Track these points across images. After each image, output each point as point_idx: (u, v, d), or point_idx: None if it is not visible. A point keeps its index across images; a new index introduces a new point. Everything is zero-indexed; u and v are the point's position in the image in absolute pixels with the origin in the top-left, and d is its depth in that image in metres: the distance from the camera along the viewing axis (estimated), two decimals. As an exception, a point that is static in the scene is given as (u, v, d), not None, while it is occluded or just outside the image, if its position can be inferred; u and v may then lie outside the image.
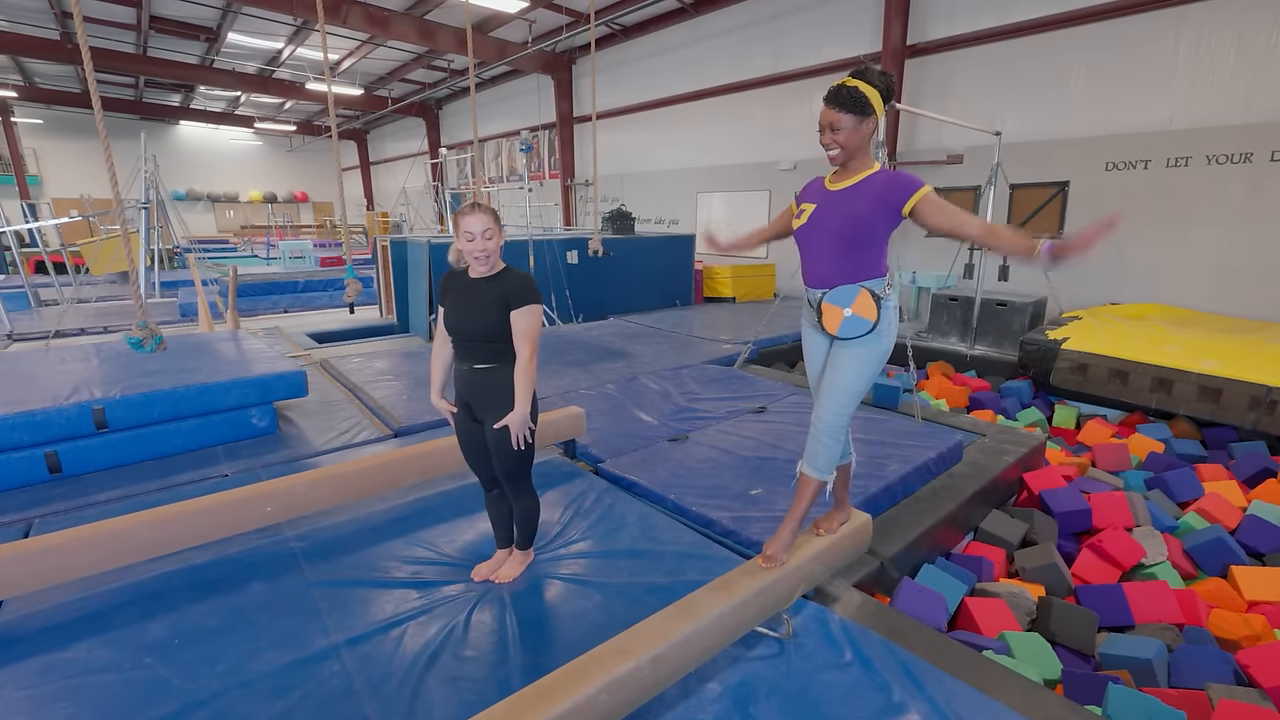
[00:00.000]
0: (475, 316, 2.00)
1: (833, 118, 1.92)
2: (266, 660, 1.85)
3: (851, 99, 1.89)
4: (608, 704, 1.53)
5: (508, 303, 1.98)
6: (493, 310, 1.98)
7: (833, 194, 2.02)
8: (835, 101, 1.91)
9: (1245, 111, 5.64)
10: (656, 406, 4.17)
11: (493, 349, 2.02)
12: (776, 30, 9.27)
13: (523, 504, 2.22)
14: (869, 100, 1.89)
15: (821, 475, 2.12)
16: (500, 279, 2.02)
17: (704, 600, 1.86)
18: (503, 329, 2.00)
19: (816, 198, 2.07)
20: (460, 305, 2.04)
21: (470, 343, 2.03)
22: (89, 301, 8.52)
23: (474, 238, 1.95)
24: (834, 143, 1.95)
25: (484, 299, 2.00)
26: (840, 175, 2.04)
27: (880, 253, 1.99)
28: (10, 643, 1.91)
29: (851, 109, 1.90)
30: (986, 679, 1.85)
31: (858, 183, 1.98)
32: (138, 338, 3.18)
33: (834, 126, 1.93)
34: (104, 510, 2.68)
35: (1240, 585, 2.81)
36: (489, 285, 2.01)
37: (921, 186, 1.88)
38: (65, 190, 18.27)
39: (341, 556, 2.41)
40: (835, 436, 2.08)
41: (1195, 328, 5.28)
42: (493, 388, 2.04)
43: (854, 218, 1.94)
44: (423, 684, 1.77)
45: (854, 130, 1.92)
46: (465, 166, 17.35)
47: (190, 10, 10.89)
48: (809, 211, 2.06)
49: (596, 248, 6.65)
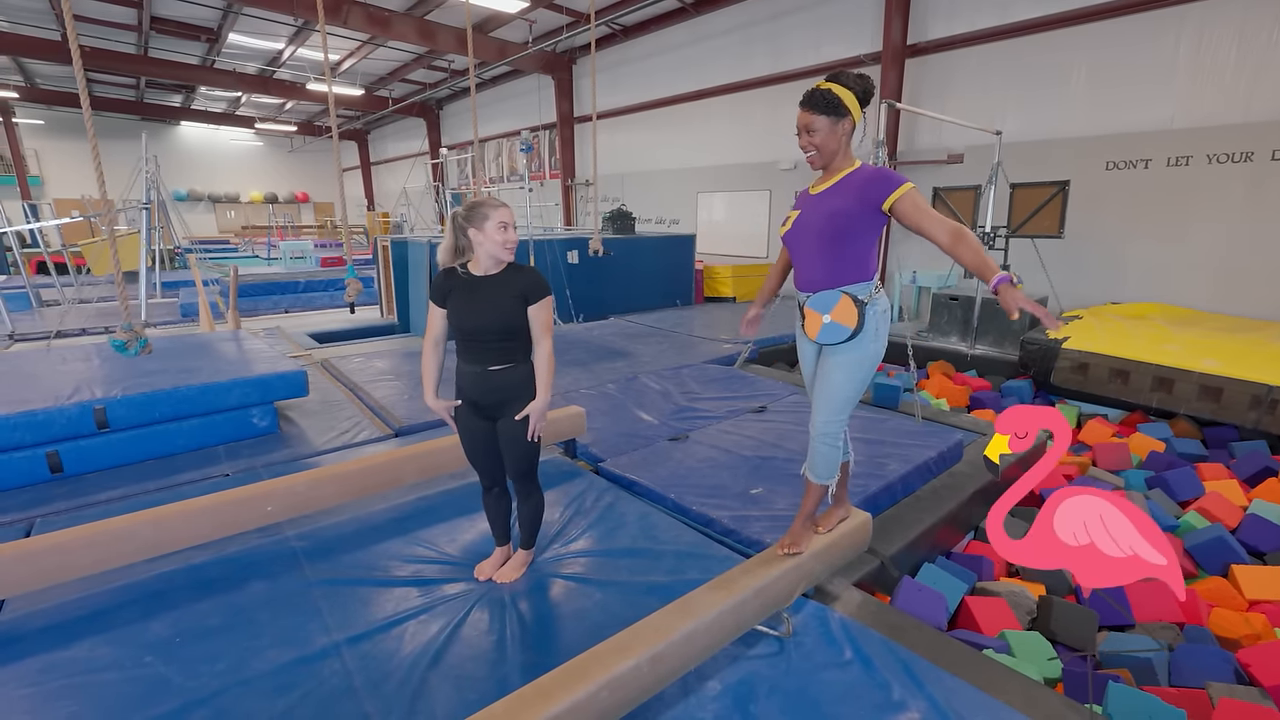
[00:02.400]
0: (489, 313, 1.96)
1: (807, 120, 1.96)
2: (267, 659, 1.85)
3: (824, 101, 1.92)
4: (608, 702, 1.53)
5: (525, 298, 1.96)
6: (508, 306, 1.96)
7: (814, 197, 2.05)
8: (809, 104, 1.95)
9: (1246, 110, 5.64)
10: (657, 406, 4.17)
11: (506, 348, 1.99)
12: (776, 30, 9.27)
13: (532, 502, 2.21)
14: (843, 101, 1.92)
15: (822, 480, 2.14)
16: (512, 274, 2.01)
17: (704, 598, 1.86)
18: (519, 324, 1.97)
19: (801, 204, 2.10)
20: (470, 304, 1.98)
21: (483, 342, 1.99)
22: (90, 302, 8.53)
23: (508, 227, 1.95)
24: (810, 145, 1.98)
25: (497, 295, 1.97)
26: (822, 178, 2.06)
27: (867, 253, 1.99)
28: (12, 641, 1.92)
29: (825, 110, 1.93)
30: (987, 678, 1.85)
31: (837, 181, 2.00)
32: (121, 340, 3.17)
33: (809, 129, 1.96)
34: (105, 510, 2.68)
35: (1241, 584, 2.81)
36: (501, 281, 1.99)
37: (903, 183, 1.87)
38: (67, 191, 18.27)
39: (342, 556, 2.41)
40: (831, 443, 2.09)
41: (1196, 327, 5.27)
42: (511, 387, 2.02)
43: (834, 214, 1.95)
44: (423, 682, 1.77)
45: (829, 132, 1.95)
46: (466, 167, 17.35)
47: (191, 11, 10.90)
48: (794, 218, 2.09)
49: (597, 247, 6.65)
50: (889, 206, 1.88)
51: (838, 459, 2.12)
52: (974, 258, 1.76)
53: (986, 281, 1.71)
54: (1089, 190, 6.58)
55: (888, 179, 1.89)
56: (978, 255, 1.76)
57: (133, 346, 3.15)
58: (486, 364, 2.00)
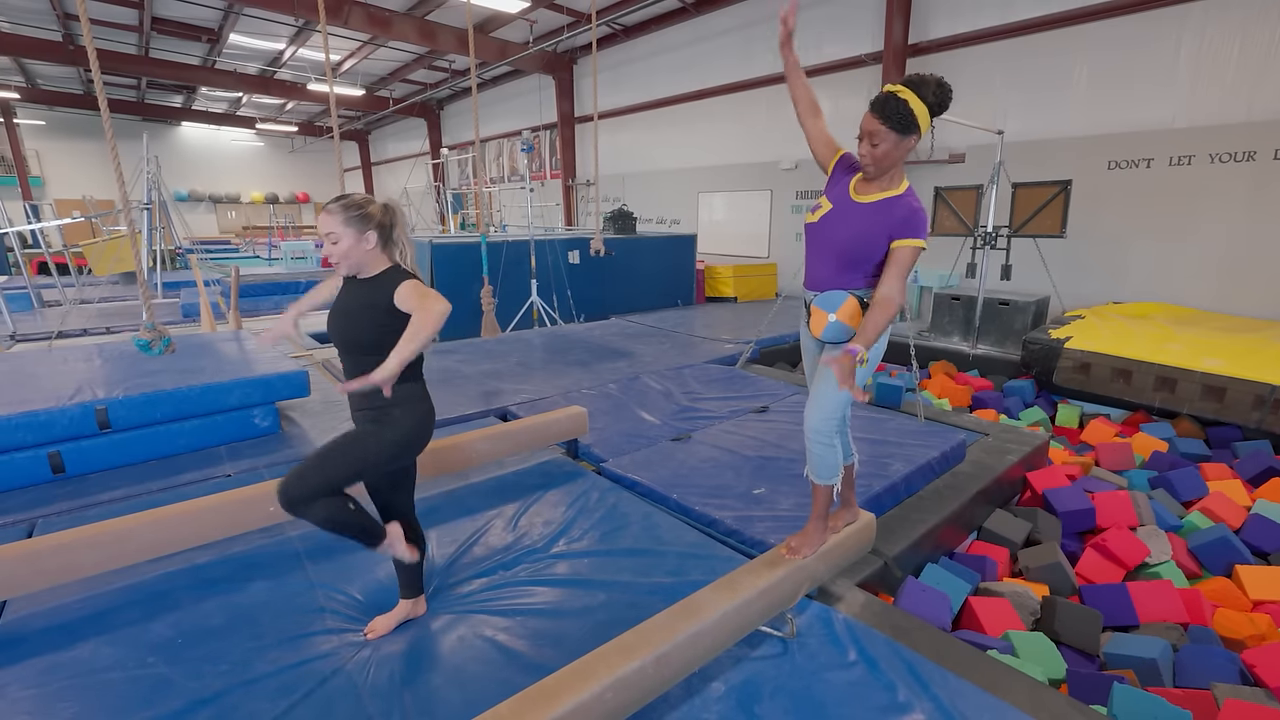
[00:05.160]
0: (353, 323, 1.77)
1: (874, 127, 1.80)
2: (270, 660, 1.85)
3: (898, 114, 1.77)
4: (613, 703, 1.53)
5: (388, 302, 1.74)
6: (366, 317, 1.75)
7: (853, 204, 1.95)
8: (880, 112, 1.79)
9: (1248, 110, 5.63)
10: (659, 406, 4.17)
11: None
12: (777, 30, 9.26)
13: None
14: (916, 118, 1.78)
15: (823, 481, 2.11)
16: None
17: (708, 599, 1.85)
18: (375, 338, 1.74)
19: (837, 199, 1.99)
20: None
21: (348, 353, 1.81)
22: (91, 302, 8.53)
23: (326, 238, 1.73)
24: (869, 155, 1.85)
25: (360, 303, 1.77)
26: (866, 185, 1.95)
27: (878, 266, 1.94)
28: (14, 643, 1.91)
29: (896, 124, 1.78)
30: (991, 678, 1.85)
31: (880, 201, 1.89)
32: (146, 340, 3.18)
33: (874, 139, 1.82)
34: (107, 510, 2.68)
35: (1245, 584, 2.80)
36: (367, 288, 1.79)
37: (920, 238, 1.84)
38: (67, 191, 18.28)
39: (344, 556, 2.41)
40: (826, 442, 2.05)
41: (1198, 326, 5.26)
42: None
43: (865, 237, 1.89)
44: (427, 684, 1.77)
45: (894, 146, 1.81)
46: (466, 167, 17.36)
47: (192, 11, 10.91)
48: (824, 211, 2.00)
49: (598, 247, 6.65)
50: (895, 245, 1.86)
51: (836, 458, 2.09)
52: (870, 321, 1.80)
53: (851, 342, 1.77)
54: (1091, 190, 6.58)
55: (916, 227, 1.84)
56: (874, 325, 1.79)
57: (157, 345, 3.16)
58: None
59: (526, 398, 4.29)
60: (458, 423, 3.81)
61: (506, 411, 4.07)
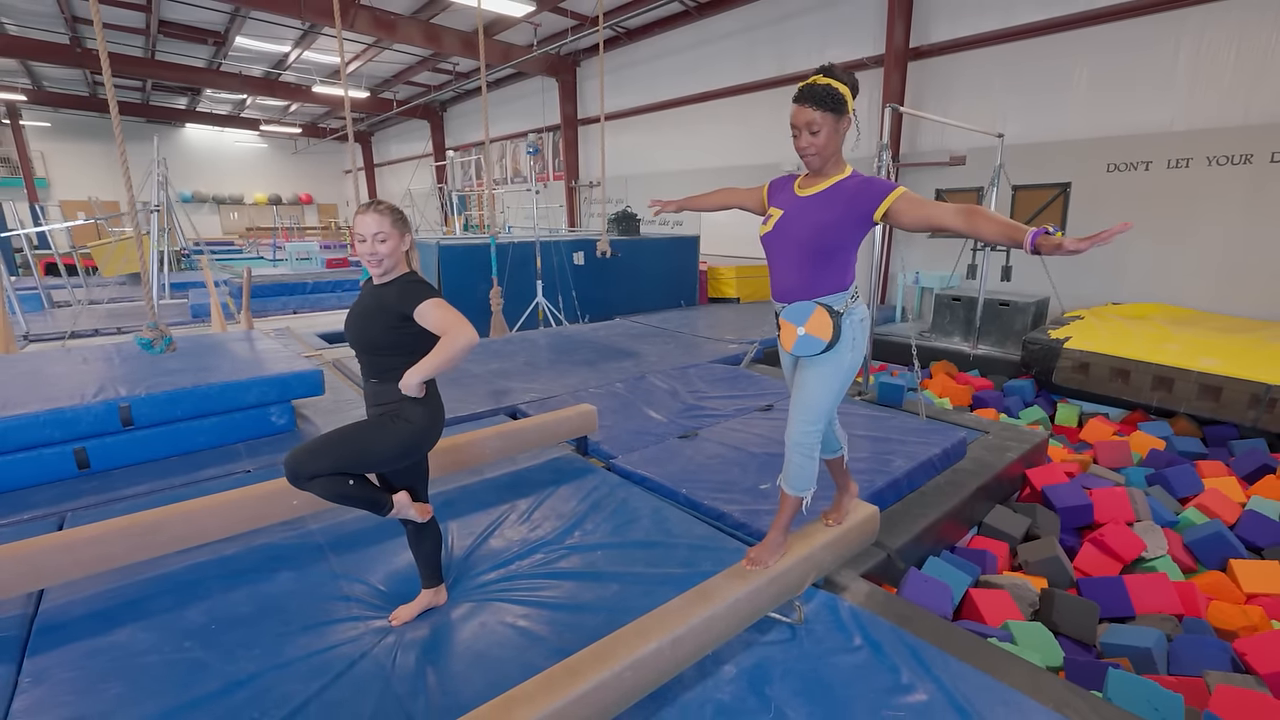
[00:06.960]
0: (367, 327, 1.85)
1: (810, 117, 1.81)
2: (300, 645, 1.93)
3: (828, 96, 1.79)
4: (631, 681, 1.61)
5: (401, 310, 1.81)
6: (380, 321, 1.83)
7: (802, 200, 1.93)
8: (811, 99, 1.80)
9: (1246, 113, 5.71)
10: (665, 404, 4.25)
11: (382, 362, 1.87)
12: (780, 33, 9.35)
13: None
14: (844, 97, 1.80)
15: (796, 492, 2.07)
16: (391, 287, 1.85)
17: (720, 586, 1.93)
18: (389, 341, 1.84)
19: (785, 204, 1.98)
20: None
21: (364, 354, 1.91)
22: (100, 303, 8.62)
23: (362, 239, 1.79)
24: (812, 145, 1.84)
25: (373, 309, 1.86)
26: (810, 180, 1.95)
27: (847, 264, 1.92)
28: (55, 628, 2.00)
29: (829, 107, 1.79)
30: (992, 663, 1.92)
31: (828, 188, 1.89)
32: (148, 338, 3.25)
33: (811, 127, 1.82)
34: (132, 504, 2.75)
35: (1239, 578, 2.88)
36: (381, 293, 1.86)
37: (894, 189, 1.79)
38: (73, 193, 18.38)
39: (366, 548, 2.49)
40: (807, 454, 2.02)
41: (1196, 327, 5.34)
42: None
43: (823, 227, 1.86)
44: (451, 666, 1.85)
45: (833, 129, 1.82)
46: (469, 169, 17.45)
47: (198, 15, 11.00)
48: (776, 218, 1.98)
49: (604, 249, 6.72)
50: (881, 215, 1.80)
51: (813, 470, 2.05)
52: (997, 229, 1.61)
53: (1021, 246, 1.53)
54: (1090, 192, 6.66)
55: (878, 187, 1.81)
56: (1000, 225, 1.61)
57: (158, 345, 3.24)
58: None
59: (535, 396, 4.37)
60: (469, 420, 3.89)
61: (516, 410, 4.15)
